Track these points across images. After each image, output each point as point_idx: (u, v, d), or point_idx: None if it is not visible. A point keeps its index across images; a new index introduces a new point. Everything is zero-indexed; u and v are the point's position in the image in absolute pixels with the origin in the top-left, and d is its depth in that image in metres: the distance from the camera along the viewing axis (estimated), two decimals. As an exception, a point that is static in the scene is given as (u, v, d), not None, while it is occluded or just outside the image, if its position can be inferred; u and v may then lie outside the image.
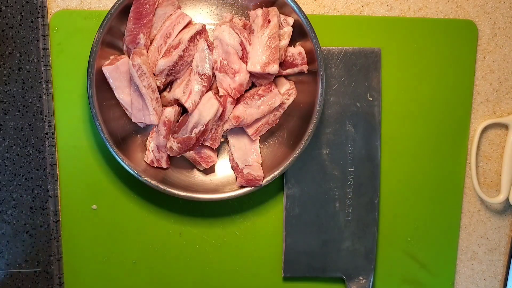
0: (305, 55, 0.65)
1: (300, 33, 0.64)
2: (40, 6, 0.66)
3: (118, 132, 0.64)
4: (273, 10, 0.63)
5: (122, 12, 0.62)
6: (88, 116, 0.68)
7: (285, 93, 0.66)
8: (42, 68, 0.66)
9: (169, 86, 0.66)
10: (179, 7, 0.65)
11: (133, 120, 0.64)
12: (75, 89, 0.68)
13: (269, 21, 0.62)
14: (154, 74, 0.63)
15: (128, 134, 0.66)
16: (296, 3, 0.62)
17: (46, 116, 0.67)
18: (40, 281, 0.70)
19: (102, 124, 0.62)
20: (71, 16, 0.67)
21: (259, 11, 0.64)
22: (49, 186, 0.68)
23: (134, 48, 0.63)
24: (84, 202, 0.70)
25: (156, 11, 0.64)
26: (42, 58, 0.66)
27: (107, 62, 0.63)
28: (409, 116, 0.72)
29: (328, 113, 0.70)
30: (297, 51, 0.65)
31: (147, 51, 0.63)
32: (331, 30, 0.70)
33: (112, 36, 0.63)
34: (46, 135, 0.67)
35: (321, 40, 0.64)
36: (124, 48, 0.64)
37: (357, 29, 0.70)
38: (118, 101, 0.64)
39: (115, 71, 0.62)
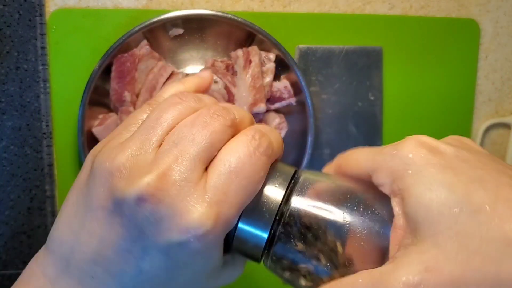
0: (290, 88, 0.64)
1: (283, 66, 0.64)
2: (38, 5, 0.65)
3: None
4: (253, 50, 0.62)
5: (104, 72, 0.61)
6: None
7: (276, 127, 0.66)
8: (40, 67, 0.66)
9: None
10: (160, 59, 0.64)
11: None
12: (73, 88, 0.67)
13: (250, 61, 0.61)
14: None
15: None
16: (274, 39, 0.61)
17: (43, 115, 0.67)
18: (38, 282, 0.69)
19: None
20: (69, 15, 0.66)
21: (239, 52, 0.63)
22: (46, 187, 0.68)
23: (121, 106, 0.62)
24: (83, 203, 0.69)
25: (138, 66, 0.62)
26: (40, 57, 0.66)
27: (97, 122, 0.62)
28: (410, 116, 0.71)
29: (329, 113, 0.69)
30: (282, 85, 0.64)
31: (134, 106, 0.63)
32: (332, 28, 0.69)
33: (98, 95, 0.62)
34: (44, 135, 0.67)
35: (322, 38, 0.63)
36: (112, 105, 0.64)
37: (358, 28, 0.69)
38: None
39: (106, 131, 0.62)
